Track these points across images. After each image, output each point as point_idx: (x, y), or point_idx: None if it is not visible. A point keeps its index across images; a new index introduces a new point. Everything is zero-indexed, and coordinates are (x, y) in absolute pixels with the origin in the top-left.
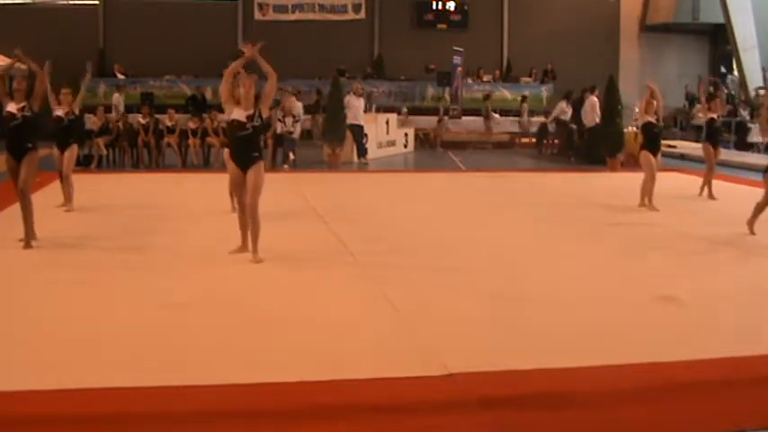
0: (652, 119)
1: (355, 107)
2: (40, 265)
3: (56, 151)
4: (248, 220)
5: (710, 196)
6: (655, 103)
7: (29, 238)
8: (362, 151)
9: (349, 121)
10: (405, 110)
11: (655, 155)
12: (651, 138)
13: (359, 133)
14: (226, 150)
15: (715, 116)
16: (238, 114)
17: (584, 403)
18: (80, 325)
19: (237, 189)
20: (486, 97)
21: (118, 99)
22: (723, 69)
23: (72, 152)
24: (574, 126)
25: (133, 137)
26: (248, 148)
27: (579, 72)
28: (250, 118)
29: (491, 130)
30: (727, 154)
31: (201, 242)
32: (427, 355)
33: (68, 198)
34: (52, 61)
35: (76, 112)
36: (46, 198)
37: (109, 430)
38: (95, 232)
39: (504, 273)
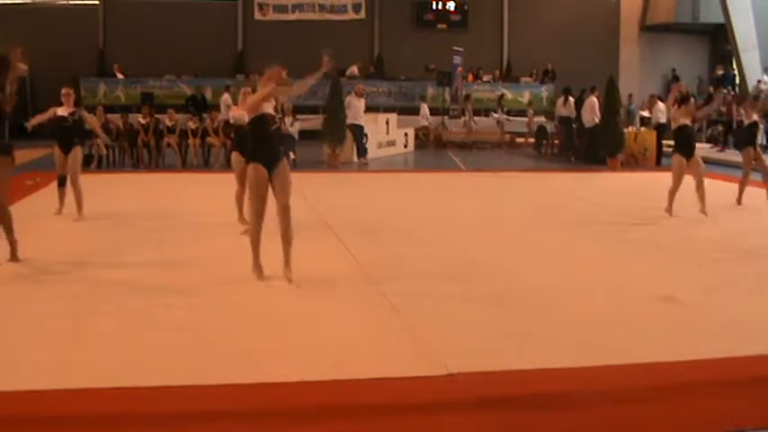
0: (688, 121)
1: (356, 107)
2: (42, 269)
3: (58, 153)
4: (282, 224)
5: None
6: (691, 104)
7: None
8: (362, 151)
9: (349, 120)
10: (425, 109)
11: (688, 159)
12: (685, 141)
13: (359, 133)
14: (235, 155)
15: (755, 119)
16: (268, 108)
17: (584, 403)
18: (80, 325)
19: (261, 195)
20: (501, 97)
21: (228, 99)
22: (721, 71)
23: (76, 155)
24: (574, 126)
25: (133, 137)
26: (277, 143)
27: (579, 72)
28: (276, 110)
29: (503, 130)
30: (726, 154)
31: (202, 245)
32: (427, 355)
33: (78, 206)
34: (51, 62)
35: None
36: (42, 201)
37: (109, 430)
38: (97, 240)
39: (503, 273)
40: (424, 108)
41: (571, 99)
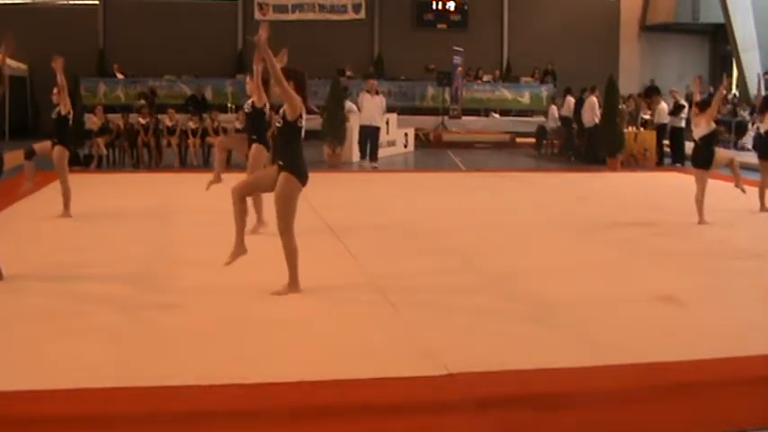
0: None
1: (369, 107)
2: (37, 268)
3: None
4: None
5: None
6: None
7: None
8: (365, 155)
9: (362, 121)
10: (554, 111)
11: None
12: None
13: (374, 136)
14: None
15: None
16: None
17: (584, 403)
18: (78, 325)
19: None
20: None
21: (351, 106)
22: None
23: (57, 153)
24: (574, 126)
25: (133, 137)
26: (277, 147)
27: (579, 72)
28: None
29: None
30: (725, 154)
31: (202, 246)
32: (427, 355)
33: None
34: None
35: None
36: (42, 201)
37: (109, 430)
38: (95, 239)
39: (503, 273)
40: (554, 110)
41: (570, 99)
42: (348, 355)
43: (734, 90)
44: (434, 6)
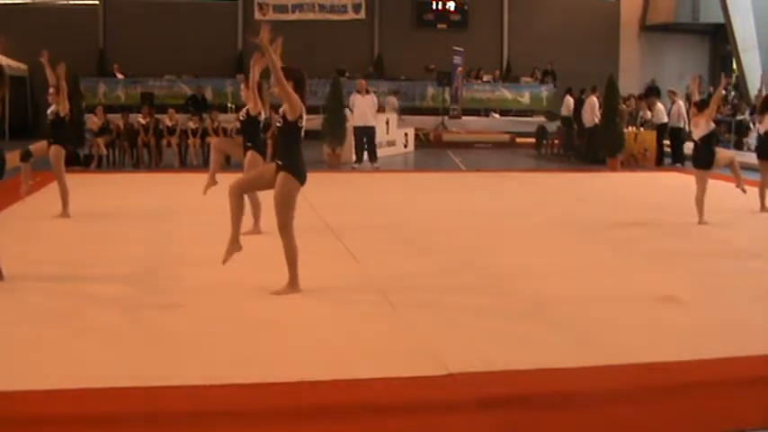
0: (709, 128)
1: (361, 107)
2: (37, 268)
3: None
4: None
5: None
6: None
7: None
8: (360, 158)
9: (355, 122)
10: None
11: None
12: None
13: (370, 136)
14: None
15: None
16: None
17: (585, 403)
18: (78, 325)
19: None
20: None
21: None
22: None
23: (53, 152)
24: (574, 126)
25: (133, 137)
26: (280, 147)
27: (579, 72)
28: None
29: None
30: (726, 154)
31: (201, 246)
32: (427, 355)
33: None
34: (51, 62)
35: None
36: (42, 201)
37: (109, 430)
38: (95, 239)
39: (503, 274)
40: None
41: (570, 99)
42: (348, 355)
43: (733, 90)
44: (434, 6)
